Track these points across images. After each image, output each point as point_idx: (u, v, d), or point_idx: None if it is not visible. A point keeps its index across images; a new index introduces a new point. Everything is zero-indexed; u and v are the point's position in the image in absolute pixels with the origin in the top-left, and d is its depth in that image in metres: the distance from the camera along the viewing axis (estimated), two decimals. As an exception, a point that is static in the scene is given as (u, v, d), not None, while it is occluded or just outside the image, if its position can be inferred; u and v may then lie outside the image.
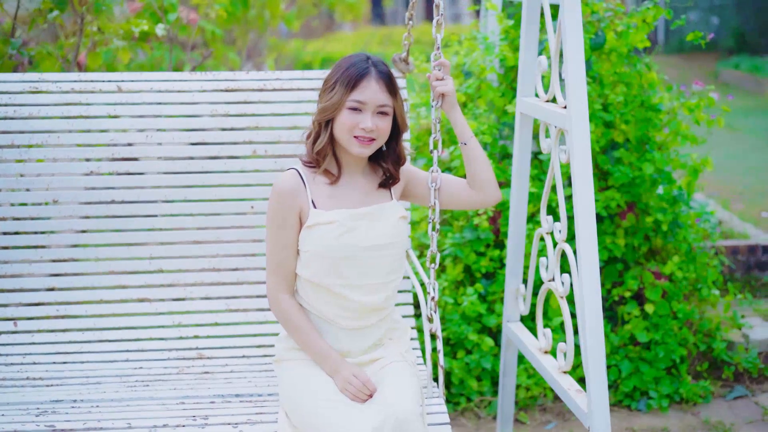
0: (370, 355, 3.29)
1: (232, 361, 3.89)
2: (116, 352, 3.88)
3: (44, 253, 3.92)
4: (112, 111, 3.93)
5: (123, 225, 3.95)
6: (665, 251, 5.16)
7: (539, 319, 3.92)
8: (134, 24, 5.27)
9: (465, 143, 3.36)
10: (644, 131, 4.99)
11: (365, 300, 3.23)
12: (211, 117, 3.98)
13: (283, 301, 3.26)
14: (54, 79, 3.93)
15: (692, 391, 4.92)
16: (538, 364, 3.84)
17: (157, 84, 3.98)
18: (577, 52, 3.31)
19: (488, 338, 4.84)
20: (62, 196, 3.91)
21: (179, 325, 3.96)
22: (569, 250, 3.55)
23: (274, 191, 3.21)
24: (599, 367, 3.28)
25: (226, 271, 4.02)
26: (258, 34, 8.40)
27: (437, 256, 3.43)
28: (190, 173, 3.99)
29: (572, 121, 3.30)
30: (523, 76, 3.95)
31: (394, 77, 3.23)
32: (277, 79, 4.06)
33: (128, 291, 3.96)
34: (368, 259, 3.21)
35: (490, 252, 4.98)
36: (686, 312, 4.98)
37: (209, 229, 4.00)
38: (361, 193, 3.29)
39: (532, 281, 4.04)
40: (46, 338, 3.89)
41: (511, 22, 5.06)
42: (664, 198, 5.03)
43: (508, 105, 5.06)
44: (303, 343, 3.24)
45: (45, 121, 3.89)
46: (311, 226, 3.18)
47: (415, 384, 3.18)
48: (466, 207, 3.43)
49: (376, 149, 3.26)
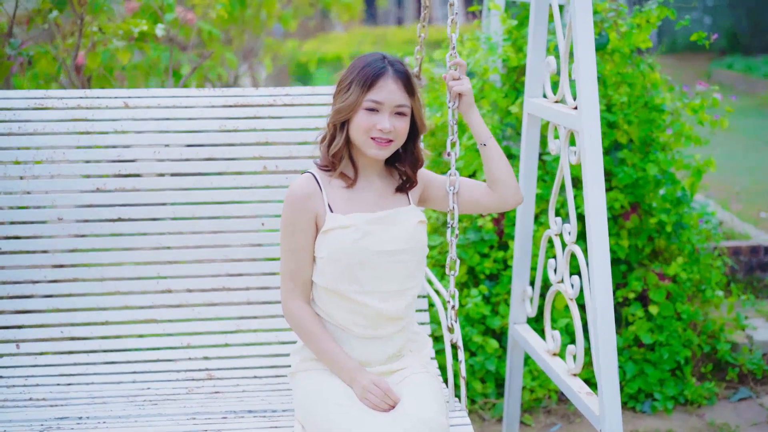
0: (390, 365, 3.20)
1: (243, 381, 3.79)
2: (123, 373, 3.78)
3: (48, 272, 3.81)
4: (119, 127, 3.82)
5: (129, 243, 3.85)
6: (668, 252, 5.15)
7: (547, 321, 3.90)
8: (134, 24, 5.23)
9: (484, 144, 3.29)
10: (648, 132, 4.98)
11: (382, 307, 3.13)
12: (219, 132, 3.89)
13: (297, 307, 3.18)
14: (59, 96, 3.83)
15: (697, 393, 4.91)
16: (546, 367, 3.81)
17: (164, 100, 3.88)
18: (587, 53, 3.29)
19: (492, 340, 4.82)
20: (67, 213, 3.80)
21: (188, 346, 3.86)
22: (579, 251, 3.53)
23: (289, 195, 3.14)
24: (611, 370, 3.25)
25: (237, 291, 3.91)
26: (253, 34, 8.35)
27: (457, 263, 3.34)
28: (199, 189, 3.88)
29: (583, 122, 3.28)
30: (531, 76, 3.93)
31: (411, 76, 3.15)
32: (287, 94, 3.96)
33: (135, 312, 3.85)
34: (385, 264, 3.13)
35: (494, 253, 4.96)
36: (690, 313, 4.97)
37: (218, 247, 3.90)
38: (378, 197, 3.22)
39: (539, 283, 4.01)
40: (49, 360, 3.78)
41: (515, 23, 5.03)
42: (668, 199, 5.01)
43: (511, 106, 5.04)
44: (318, 351, 3.16)
45: (50, 136, 3.78)
46: (327, 231, 3.11)
47: (441, 396, 3.11)
48: (486, 210, 3.36)
49: (394, 151, 3.18)
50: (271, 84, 11.21)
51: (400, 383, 3.13)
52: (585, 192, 3.29)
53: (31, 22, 5.23)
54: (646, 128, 4.96)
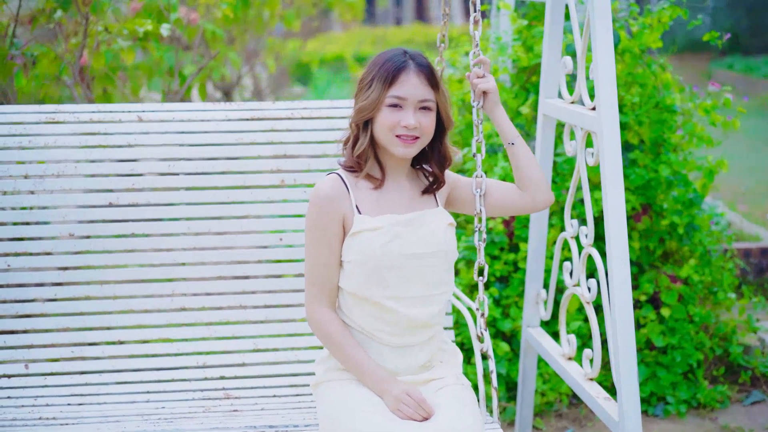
0: (420, 376, 3.06)
1: (262, 400, 3.69)
2: (137, 393, 3.68)
3: (58, 290, 3.71)
4: (132, 140, 3.74)
5: (143, 259, 3.75)
6: (679, 254, 5.10)
7: (562, 325, 3.86)
8: (139, 24, 5.17)
9: (512, 143, 3.18)
10: (659, 133, 4.93)
11: (412, 313, 3.01)
12: (236, 145, 3.80)
13: (322, 314, 3.05)
14: (72, 110, 3.75)
15: (710, 396, 4.87)
16: (561, 371, 3.77)
17: (179, 114, 3.80)
18: (606, 53, 3.25)
19: (503, 343, 4.77)
20: (78, 229, 3.71)
21: (204, 366, 3.76)
22: (597, 254, 3.48)
23: (315, 197, 3.02)
24: (631, 375, 3.22)
25: (254, 309, 3.82)
26: (255, 34, 8.31)
27: (485, 269, 3.25)
28: (215, 204, 3.79)
29: (602, 123, 3.24)
30: (547, 77, 3.88)
31: (434, 69, 3.04)
32: (305, 108, 3.88)
33: (149, 331, 3.75)
34: (415, 268, 3.01)
35: (505, 255, 4.91)
36: (702, 316, 4.92)
37: (235, 263, 3.80)
38: (406, 198, 3.10)
39: (554, 286, 3.97)
40: (60, 381, 3.68)
41: (525, 22, 4.98)
42: (680, 200, 4.96)
43: (521, 106, 4.99)
44: (345, 360, 3.02)
45: (61, 150, 3.70)
46: (356, 233, 2.99)
47: (476, 409, 3.00)
48: (514, 212, 3.24)
49: (421, 149, 3.07)
50: (272, 84, 11.16)
51: (434, 394, 3.00)
52: (604, 194, 3.25)
53: (35, 22, 5.17)
54: (658, 129, 4.91)
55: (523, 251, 4.84)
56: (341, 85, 13.80)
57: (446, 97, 3.08)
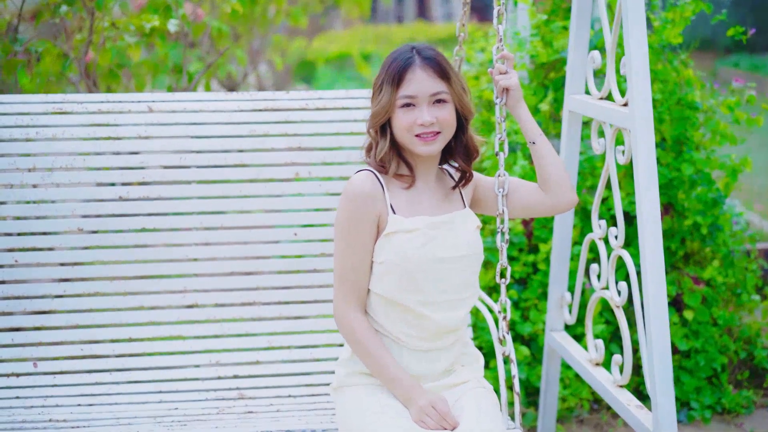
0: (444, 381, 3.00)
1: (277, 400, 3.59)
2: (149, 393, 3.60)
3: (67, 286, 3.63)
4: (143, 132, 3.64)
5: (154, 255, 3.66)
6: (701, 255, 4.97)
7: (589, 330, 3.75)
8: (146, 19, 5.06)
9: (534, 142, 3.08)
10: (681, 130, 4.79)
11: (440, 318, 2.93)
12: (249, 137, 3.70)
13: (354, 319, 2.94)
14: (80, 100, 3.65)
15: (735, 402, 4.73)
16: (589, 377, 3.65)
17: (191, 104, 3.71)
18: (640, 46, 3.14)
19: (523, 347, 4.63)
20: (88, 223, 3.62)
21: (217, 364, 3.68)
22: (627, 256, 3.36)
23: (350, 194, 2.91)
24: (666, 383, 3.11)
25: (267, 305, 3.73)
26: (260, 31, 8.21)
27: (508, 270, 3.16)
28: (228, 198, 3.70)
29: (636, 120, 3.12)
30: (573, 72, 3.76)
31: (444, 60, 2.91)
32: (319, 98, 3.79)
33: (160, 328, 3.68)
34: (445, 272, 2.93)
35: (524, 257, 4.78)
36: (727, 318, 4.78)
37: (248, 259, 3.71)
38: (437, 199, 3.02)
39: (579, 289, 3.84)
40: (69, 380, 3.59)
41: (545, 17, 4.85)
42: (702, 200, 4.82)
43: (540, 103, 4.86)
44: (374, 367, 2.93)
45: (69, 142, 3.61)
46: (390, 234, 2.90)
47: (497, 413, 2.94)
48: (537, 214, 3.15)
49: (445, 143, 2.95)
50: (276, 83, 11.04)
51: (458, 400, 2.95)
52: (638, 194, 3.13)
53: (39, 17, 5.06)
54: (680, 126, 4.78)
55: (542, 252, 4.71)
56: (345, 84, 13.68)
57: (462, 86, 2.96)
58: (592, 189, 4.81)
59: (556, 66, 4.93)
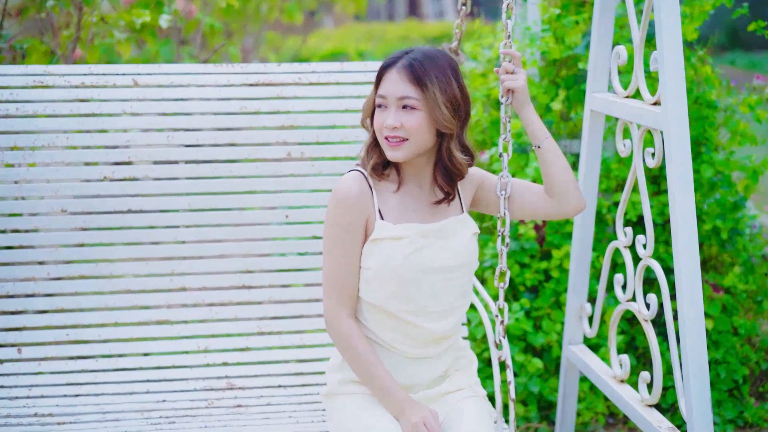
0: (437, 389, 2.91)
1: (267, 391, 3.50)
2: (136, 382, 3.49)
3: (51, 269, 3.51)
4: (128, 108, 3.53)
5: (141, 237, 3.55)
6: (719, 260, 4.74)
7: (612, 344, 3.52)
8: (137, 14, 4.87)
9: (539, 146, 2.92)
10: (700, 130, 4.57)
11: (432, 327, 2.84)
12: (240, 115, 3.60)
13: (345, 325, 2.83)
14: (61, 72, 3.52)
15: (757, 415, 4.50)
16: (613, 395, 3.43)
17: (178, 78, 3.59)
18: (674, 40, 2.94)
19: (536, 359, 4.39)
20: (71, 204, 3.49)
21: (205, 350, 3.58)
22: (657, 267, 3.13)
23: (338, 196, 2.81)
24: (704, 407, 2.88)
25: (258, 289, 3.63)
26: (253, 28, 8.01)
27: (507, 274, 2.97)
28: (217, 178, 3.59)
29: (670, 120, 2.90)
30: (595, 68, 3.54)
31: (429, 69, 2.74)
32: (313, 72, 3.68)
33: (147, 312, 3.57)
34: (439, 282, 2.83)
35: (535, 263, 4.54)
36: (748, 327, 4.55)
37: (238, 241, 3.61)
38: (429, 205, 2.89)
39: (601, 300, 3.60)
40: (54, 367, 3.48)
41: (557, 11, 4.61)
42: (722, 203, 4.60)
43: (552, 102, 4.63)
44: (365, 376, 2.82)
45: (52, 119, 3.49)
46: (377, 240, 2.79)
47: (489, 422, 2.86)
48: (543, 218, 3.00)
49: (413, 153, 2.79)
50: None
51: (449, 410, 2.88)
52: (672, 199, 2.93)
53: (24, 13, 4.88)
54: (699, 126, 4.55)
55: (555, 259, 4.48)
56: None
57: (445, 100, 2.76)
58: (606, 192, 4.59)
59: (569, 63, 4.71)
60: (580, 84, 4.60)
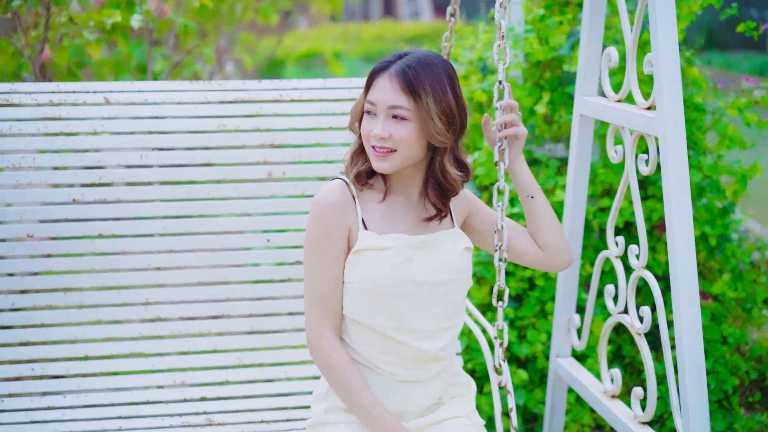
0: (430, 417, 2.76)
1: (248, 427, 3.34)
2: (107, 419, 3.32)
3: (16, 299, 3.36)
4: (99, 126, 3.38)
5: (112, 264, 3.41)
6: (706, 267, 4.64)
7: (602, 358, 3.40)
8: (107, 15, 4.73)
9: (532, 196, 2.80)
10: (688, 134, 4.46)
11: (422, 346, 2.70)
12: (217, 133, 3.46)
13: (328, 345, 2.69)
14: (28, 90, 3.38)
15: (747, 426, 4.39)
16: (604, 411, 3.33)
17: (152, 95, 3.44)
18: (670, 42, 2.82)
19: (520, 370, 4.27)
20: (38, 230, 3.36)
21: (182, 384, 3.43)
22: (651, 278, 3.01)
23: (318, 205, 2.68)
24: (703, 424, 2.73)
25: (238, 318, 3.50)
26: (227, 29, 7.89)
27: (506, 292, 2.84)
28: (193, 200, 3.45)
29: (666, 125, 2.80)
30: (585, 72, 3.45)
31: (423, 78, 2.60)
32: (294, 88, 3.55)
33: (119, 344, 3.44)
34: (427, 297, 2.68)
35: (519, 271, 4.42)
36: (737, 336, 4.45)
37: (217, 267, 3.48)
38: (418, 216, 2.75)
39: (591, 312, 3.48)
40: (18, 404, 3.31)
41: (541, 11, 4.48)
42: (711, 208, 4.49)
43: (535, 105, 4.51)
44: (350, 401, 2.68)
45: (17, 138, 3.34)
46: (360, 251, 2.66)
47: None
48: (529, 265, 2.89)
49: (401, 165, 2.66)
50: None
51: None
52: (668, 208, 2.85)
53: (-9, 13, 4.73)
54: (687, 129, 4.44)
55: (540, 267, 4.36)
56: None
57: (438, 111, 2.62)
58: (592, 197, 4.47)
59: (553, 65, 4.59)
60: (564, 86, 4.48)
